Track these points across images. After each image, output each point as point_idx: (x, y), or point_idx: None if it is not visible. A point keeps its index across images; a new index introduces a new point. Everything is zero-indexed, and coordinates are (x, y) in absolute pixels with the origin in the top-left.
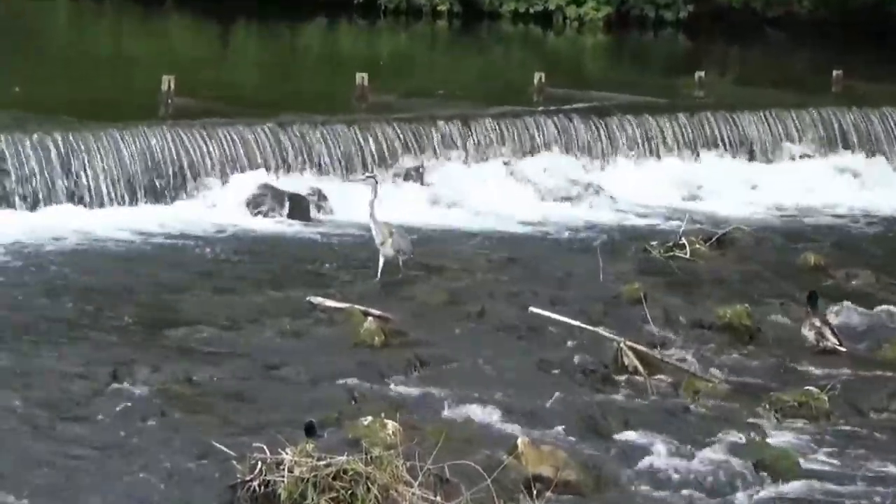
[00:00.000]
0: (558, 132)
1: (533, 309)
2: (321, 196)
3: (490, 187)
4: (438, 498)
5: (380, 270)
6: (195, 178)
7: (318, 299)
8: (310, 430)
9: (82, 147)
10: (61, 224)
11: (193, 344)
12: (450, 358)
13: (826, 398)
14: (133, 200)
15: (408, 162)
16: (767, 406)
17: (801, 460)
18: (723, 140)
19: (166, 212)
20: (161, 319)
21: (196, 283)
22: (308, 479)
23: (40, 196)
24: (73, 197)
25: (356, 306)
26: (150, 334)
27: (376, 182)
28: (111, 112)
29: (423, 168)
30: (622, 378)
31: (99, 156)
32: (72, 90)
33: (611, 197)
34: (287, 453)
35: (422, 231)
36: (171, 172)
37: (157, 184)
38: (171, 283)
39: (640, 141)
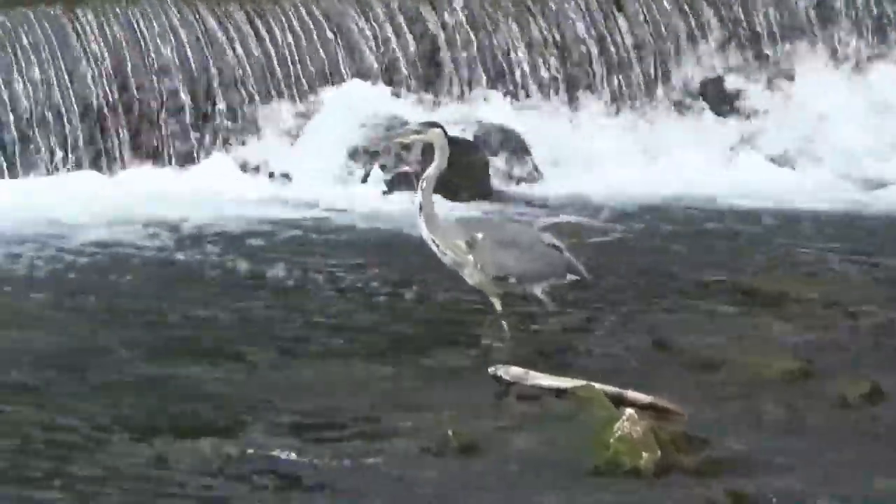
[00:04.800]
0: None
1: None
2: (517, 145)
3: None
4: None
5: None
6: (227, 109)
7: (512, 370)
8: None
9: None
10: None
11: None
12: (813, 494)
13: None
14: (72, 162)
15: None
16: None
17: None
18: None
19: (163, 181)
20: (151, 413)
21: (232, 334)
22: None
23: None
24: None
25: (598, 385)
26: (124, 449)
27: (445, 136)
28: None
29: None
30: None
31: None
32: None
33: None
34: None
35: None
36: (163, 98)
37: (124, 125)
38: (172, 336)
39: None
